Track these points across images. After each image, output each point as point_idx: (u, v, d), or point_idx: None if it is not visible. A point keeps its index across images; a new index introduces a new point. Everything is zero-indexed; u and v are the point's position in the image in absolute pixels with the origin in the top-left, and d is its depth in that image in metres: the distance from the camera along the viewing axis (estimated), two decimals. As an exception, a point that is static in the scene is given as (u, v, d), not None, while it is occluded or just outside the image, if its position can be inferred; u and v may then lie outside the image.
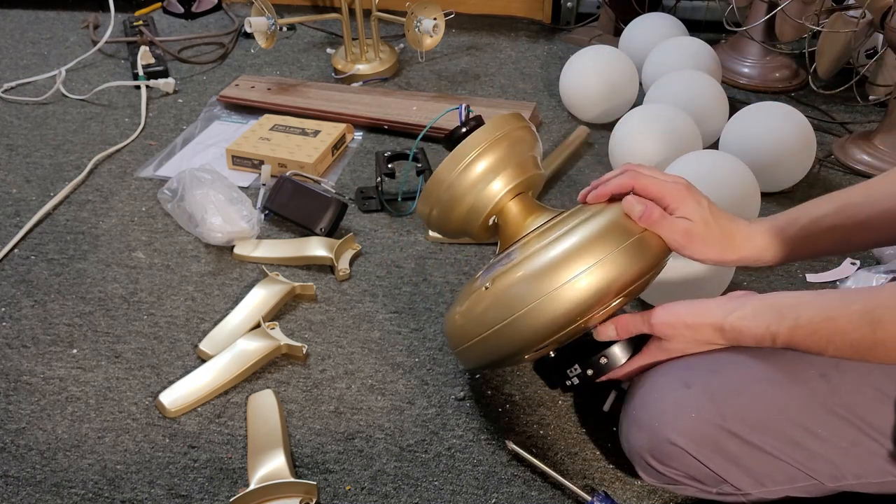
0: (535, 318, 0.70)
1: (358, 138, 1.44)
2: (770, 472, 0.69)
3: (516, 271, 0.72)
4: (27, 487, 0.82)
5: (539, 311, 0.69)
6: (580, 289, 0.69)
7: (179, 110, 1.55)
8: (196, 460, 0.85)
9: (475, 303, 0.74)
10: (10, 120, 1.51)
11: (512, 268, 0.73)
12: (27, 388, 0.94)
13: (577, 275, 0.69)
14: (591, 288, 0.69)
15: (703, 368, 0.73)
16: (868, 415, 0.67)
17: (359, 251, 1.15)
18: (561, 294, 0.69)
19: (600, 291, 0.69)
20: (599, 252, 0.69)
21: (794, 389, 0.69)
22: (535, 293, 0.69)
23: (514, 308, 0.70)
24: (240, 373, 0.93)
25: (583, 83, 1.42)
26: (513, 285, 0.71)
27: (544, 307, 0.69)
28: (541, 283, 0.69)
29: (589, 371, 0.77)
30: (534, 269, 0.71)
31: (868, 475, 0.68)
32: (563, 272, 0.69)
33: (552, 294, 0.69)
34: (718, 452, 0.69)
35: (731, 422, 0.69)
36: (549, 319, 0.70)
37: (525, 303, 0.70)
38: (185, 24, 1.94)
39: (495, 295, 0.72)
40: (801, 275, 1.09)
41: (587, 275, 0.69)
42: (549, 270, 0.70)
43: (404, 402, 0.91)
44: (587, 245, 0.70)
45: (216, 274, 1.11)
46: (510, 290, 0.71)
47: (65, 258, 1.15)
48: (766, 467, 0.69)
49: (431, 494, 0.81)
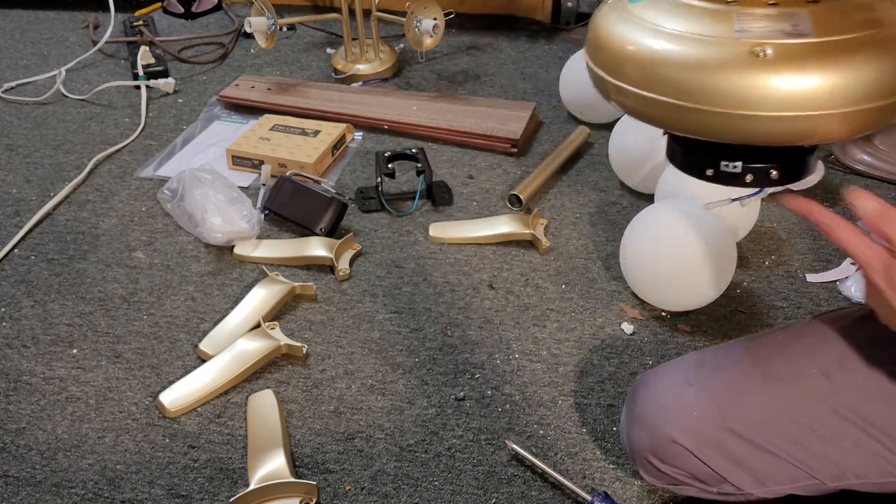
0: (813, 125, 0.54)
1: (358, 138, 1.44)
2: (771, 472, 0.69)
3: (812, 58, 0.53)
4: (27, 487, 0.82)
5: (823, 121, 0.53)
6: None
7: (179, 110, 1.55)
8: (196, 460, 0.85)
9: (725, 62, 0.54)
10: (10, 120, 1.51)
11: (806, 49, 0.53)
12: (27, 388, 0.94)
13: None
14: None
15: (705, 367, 0.74)
16: (870, 415, 0.67)
17: (359, 251, 1.15)
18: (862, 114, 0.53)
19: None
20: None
21: (796, 388, 0.69)
22: (834, 101, 0.52)
23: (788, 104, 0.53)
24: (240, 373, 0.93)
25: (583, 83, 1.41)
26: (803, 73, 0.52)
27: (831, 121, 0.53)
28: (845, 93, 0.52)
29: (765, 175, 0.61)
30: (838, 68, 0.52)
31: (869, 475, 0.68)
32: (877, 90, 0.53)
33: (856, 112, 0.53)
34: (720, 452, 0.69)
35: (733, 421, 0.69)
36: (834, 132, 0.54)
37: (814, 105, 0.52)
38: (185, 24, 1.94)
39: (768, 71, 0.52)
40: (802, 275, 1.10)
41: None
42: (859, 81, 0.52)
43: (404, 402, 0.91)
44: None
45: (216, 274, 1.11)
46: (796, 81, 0.52)
47: (65, 258, 1.15)
48: (767, 466, 0.69)
49: (431, 494, 0.81)
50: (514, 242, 1.16)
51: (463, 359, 0.97)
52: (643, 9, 0.61)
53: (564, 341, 1.00)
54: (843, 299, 1.05)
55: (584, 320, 1.03)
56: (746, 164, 0.61)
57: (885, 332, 0.68)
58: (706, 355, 0.77)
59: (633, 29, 0.60)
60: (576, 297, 1.06)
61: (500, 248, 1.16)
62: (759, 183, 0.62)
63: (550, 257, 1.14)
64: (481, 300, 1.06)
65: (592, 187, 1.29)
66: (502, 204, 1.25)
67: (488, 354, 0.98)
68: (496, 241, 1.16)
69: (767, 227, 1.19)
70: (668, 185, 1.11)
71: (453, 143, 1.41)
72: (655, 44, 0.58)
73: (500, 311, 1.04)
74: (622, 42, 0.60)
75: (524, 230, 1.15)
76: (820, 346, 0.70)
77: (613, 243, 1.15)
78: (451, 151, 1.39)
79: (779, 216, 1.21)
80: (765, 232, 1.18)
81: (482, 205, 1.25)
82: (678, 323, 1.02)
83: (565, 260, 1.13)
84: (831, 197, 1.25)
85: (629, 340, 1.00)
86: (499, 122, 1.41)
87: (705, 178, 0.63)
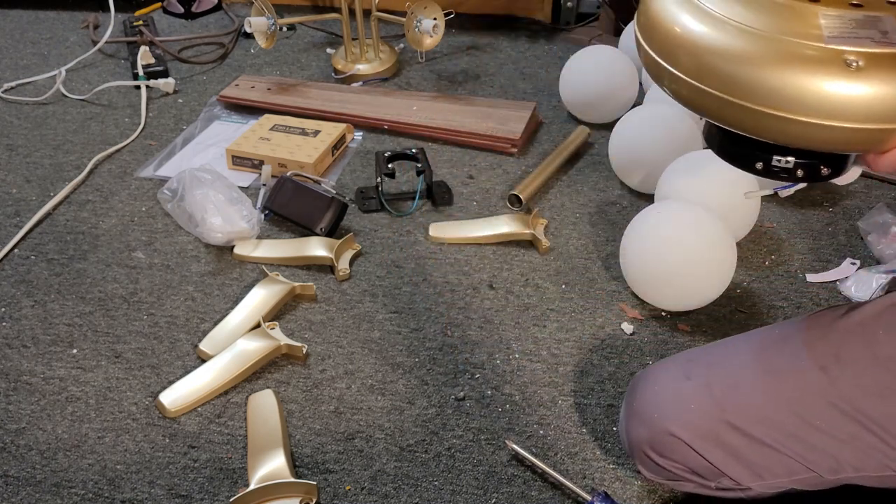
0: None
1: (358, 138, 1.44)
2: (769, 465, 0.69)
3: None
4: (27, 487, 0.82)
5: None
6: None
7: (179, 110, 1.55)
8: (196, 460, 0.85)
9: (814, 69, 0.51)
10: (10, 120, 1.51)
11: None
12: (27, 388, 0.94)
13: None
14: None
15: (703, 361, 0.74)
16: (868, 408, 0.67)
17: (359, 251, 1.15)
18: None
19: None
20: None
21: (793, 382, 0.69)
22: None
23: (875, 116, 0.51)
24: (240, 373, 0.93)
25: (583, 83, 1.42)
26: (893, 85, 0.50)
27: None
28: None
29: (815, 170, 0.59)
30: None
31: (867, 468, 0.68)
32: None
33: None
34: (718, 445, 0.70)
35: (731, 414, 0.69)
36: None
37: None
38: (185, 24, 1.94)
39: (859, 82, 0.50)
40: (802, 275, 1.09)
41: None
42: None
43: (404, 402, 0.91)
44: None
45: (216, 274, 1.11)
46: (885, 93, 0.50)
47: (65, 258, 1.15)
48: (765, 460, 0.69)
49: (431, 494, 0.81)
50: (514, 242, 1.16)
51: (463, 359, 0.97)
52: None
53: (564, 341, 1.00)
54: (844, 299, 1.05)
55: (584, 320, 1.03)
56: (799, 160, 0.59)
57: (880, 327, 0.68)
58: (704, 350, 0.77)
59: (704, 20, 0.56)
60: (576, 297, 1.06)
61: (500, 248, 1.16)
62: (809, 178, 0.60)
63: (550, 257, 1.14)
64: (481, 300, 1.06)
65: (592, 187, 1.29)
66: (502, 204, 1.25)
67: (488, 354, 0.98)
68: (496, 241, 1.16)
69: (767, 227, 1.19)
70: (668, 185, 1.11)
71: (453, 143, 1.41)
72: (730, 39, 0.54)
73: (500, 311, 1.04)
74: (688, 33, 0.56)
75: (524, 230, 1.15)
76: (817, 341, 0.70)
77: (613, 243, 1.15)
78: (451, 151, 1.39)
79: (779, 216, 1.21)
80: (765, 232, 1.18)
81: (482, 205, 1.25)
82: (678, 323, 1.02)
83: (565, 260, 1.13)
84: (830, 197, 1.25)
85: (629, 340, 1.00)
86: (499, 122, 1.41)
87: (753, 170, 0.61)
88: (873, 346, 0.68)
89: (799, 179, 0.60)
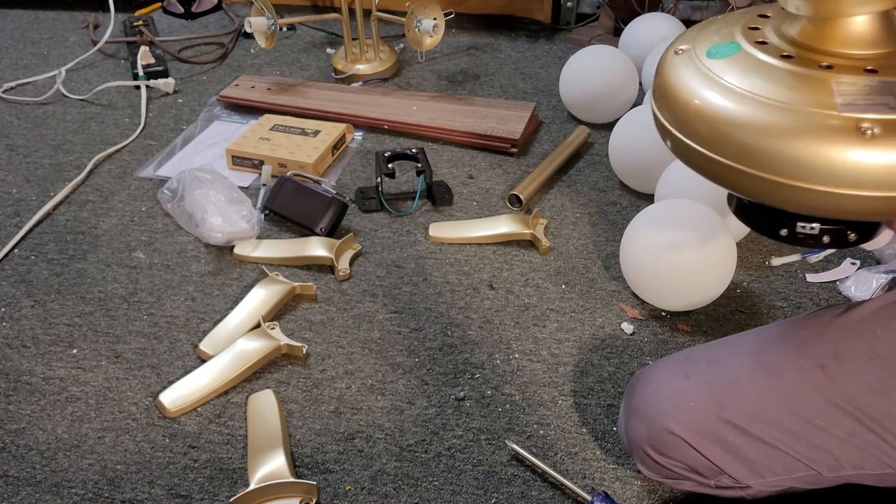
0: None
1: (358, 138, 1.44)
2: (768, 463, 0.69)
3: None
4: (27, 487, 0.82)
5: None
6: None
7: (179, 110, 1.55)
8: (196, 460, 0.85)
9: (830, 138, 0.51)
10: (10, 120, 1.51)
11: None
12: (27, 388, 0.94)
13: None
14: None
15: (703, 359, 0.74)
16: (866, 406, 0.67)
17: (359, 251, 1.15)
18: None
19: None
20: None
21: (792, 380, 0.69)
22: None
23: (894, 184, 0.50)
24: (240, 373, 0.93)
25: (583, 83, 1.42)
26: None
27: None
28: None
29: (842, 236, 0.59)
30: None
31: (867, 466, 0.68)
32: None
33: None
34: (717, 443, 0.70)
35: (730, 412, 0.69)
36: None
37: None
38: (185, 24, 1.94)
39: (876, 149, 0.50)
40: (802, 275, 1.10)
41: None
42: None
43: (404, 402, 0.91)
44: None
45: (216, 274, 1.11)
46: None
47: (65, 258, 1.15)
48: (764, 457, 0.69)
49: (431, 494, 0.81)
50: (514, 242, 1.16)
51: (463, 359, 0.97)
52: (725, 67, 0.57)
53: (564, 341, 1.00)
54: (844, 299, 1.05)
55: (584, 320, 1.03)
56: (824, 226, 0.58)
57: (879, 325, 0.68)
58: (703, 349, 0.77)
59: (716, 90, 0.56)
60: (576, 297, 1.06)
61: (500, 248, 1.16)
62: (836, 244, 0.60)
63: (550, 257, 1.14)
64: (481, 300, 1.06)
65: (592, 187, 1.29)
66: (502, 204, 1.25)
67: (488, 354, 0.98)
68: (496, 241, 1.16)
69: (767, 227, 1.19)
70: (668, 185, 1.11)
71: (453, 143, 1.41)
72: (744, 111, 0.53)
73: (500, 311, 1.04)
74: (701, 103, 0.56)
75: (524, 230, 1.15)
76: (815, 339, 0.70)
77: (613, 243, 1.15)
78: (451, 151, 1.39)
79: (779, 216, 1.21)
80: (765, 232, 1.17)
81: (482, 205, 1.26)
82: (678, 323, 1.02)
83: (565, 260, 1.13)
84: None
85: (629, 340, 1.00)
86: (499, 122, 1.41)
87: (778, 237, 0.60)
88: (872, 343, 0.68)
89: (826, 245, 0.59)
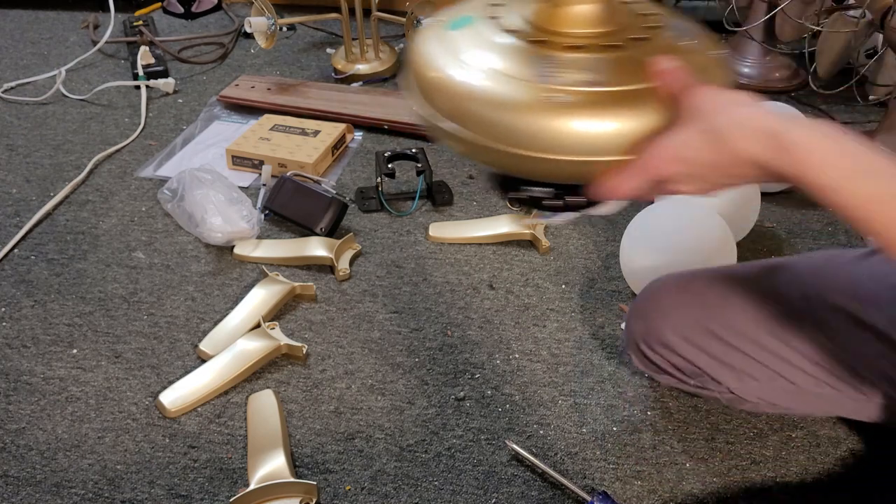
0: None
1: (358, 138, 1.44)
2: (748, 369, 0.78)
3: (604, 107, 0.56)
4: (27, 487, 0.82)
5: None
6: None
7: (179, 110, 1.55)
8: (196, 460, 0.85)
9: (528, 105, 0.56)
10: (10, 120, 1.51)
11: (597, 98, 0.56)
12: (27, 388, 0.94)
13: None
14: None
15: (705, 277, 0.83)
16: (844, 340, 0.73)
17: (359, 251, 1.15)
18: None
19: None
20: None
21: (776, 308, 0.76)
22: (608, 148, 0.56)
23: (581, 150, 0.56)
24: (240, 373, 0.93)
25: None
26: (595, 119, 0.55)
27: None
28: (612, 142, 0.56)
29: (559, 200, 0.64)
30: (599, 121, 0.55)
31: (843, 388, 0.75)
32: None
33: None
34: (702, 350, 0.78)
35: (717, 326, 0.77)
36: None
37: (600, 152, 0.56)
38: (185, 24, 1.94)
39: (560, 116, 0.55)
40: (801, 275, 1.09)
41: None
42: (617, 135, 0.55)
43: (404, 402, 0.91)
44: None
45: (216, 274, 1.11)
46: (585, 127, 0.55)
47: (65, 258, 1.15)
48: (744, 364, 0.78)
49: (431, 494, 0.81)
50: (514, 242, 1.16)
51: (463, 359, 0.97)
52: (461, 37, 0.63)
53: (564, 341, 1.00)
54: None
55: (584, 320, 1.03)
56: (539, 189, 0.63)
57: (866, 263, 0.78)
58: (709, 270, 0.85)
59: (446, 58, 0.62)
60: (576, 297, 1.06)
61: (500, 248, 1.16)
62: (557, 208, 0.64)
63: (550, 257, 1.14)
64: (481, 300, 1.06)
65: (592, 187, 1.29)
66: (502, 204, 1.25)
67: (488, 354, 0.98)
68: (496, 241, 1.16)
69: (767, 227, 1.19)
70: (668, 185, 1.11)
71: (453, 143, 1.41)
72: (459, 76, 0.59)
73: (500, 311, 1.04)
74: (432, 69, 0.63)
75: (524, 230, 1.15)
76: (806, 274, 0.79)
77: (613, 243, 1.15)
78: (451, 151, 1.39)
79: (779, 216, 1.21)
80: (765, 232, 1.18)
81: (482, 205, 1.25)
82: (678, 323, 1.02)
83: (565, 260, 1.13)
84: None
85: (629, 340, 1.00)
86: (499, 122, 1.41)
87: (512, 201, 0.68)
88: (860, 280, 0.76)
89: (545, 208, 0.64)
